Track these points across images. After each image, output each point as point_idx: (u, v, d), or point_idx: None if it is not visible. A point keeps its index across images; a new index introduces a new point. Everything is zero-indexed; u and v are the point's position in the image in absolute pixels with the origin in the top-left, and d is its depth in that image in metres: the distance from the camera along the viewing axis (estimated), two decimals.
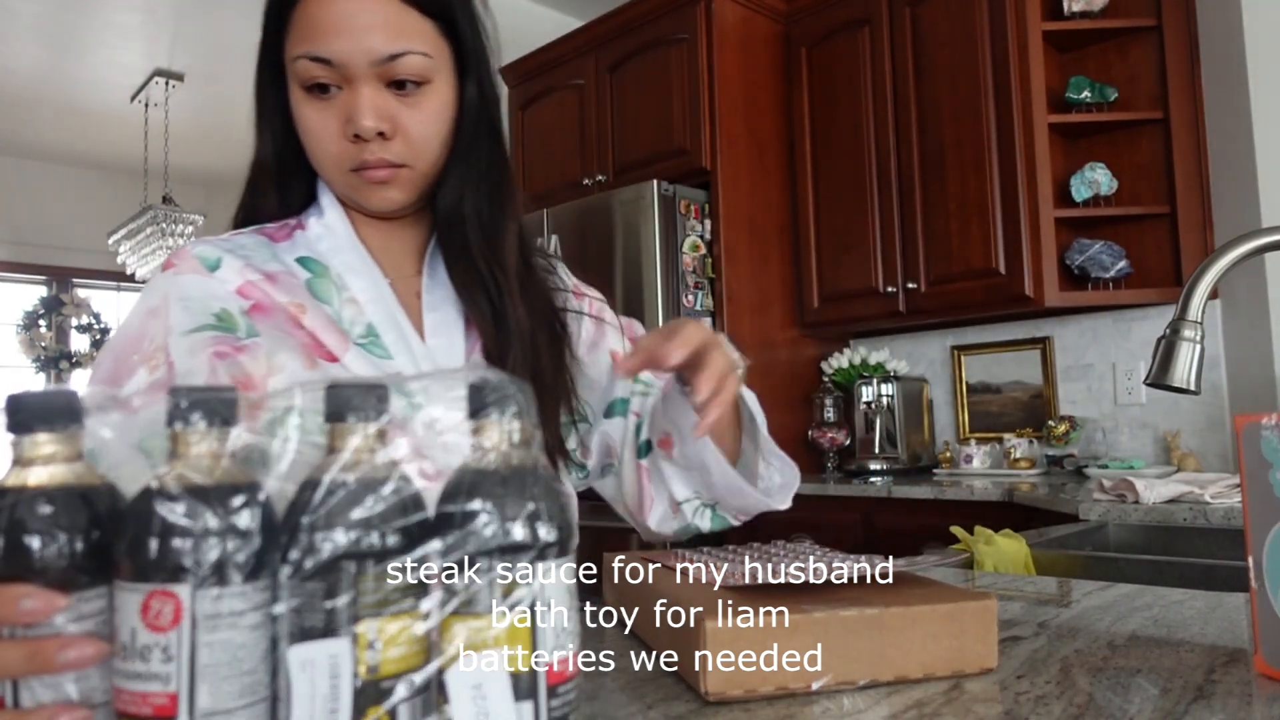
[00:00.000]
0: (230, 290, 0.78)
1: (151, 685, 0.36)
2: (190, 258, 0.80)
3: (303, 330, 0.78)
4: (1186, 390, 0.82)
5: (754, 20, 3.10)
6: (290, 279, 0.81)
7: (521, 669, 0.39)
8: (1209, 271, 0.81)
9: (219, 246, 0.81)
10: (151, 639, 0.36)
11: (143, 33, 4.06)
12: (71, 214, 5.68)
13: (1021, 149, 2.56)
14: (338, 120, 0.77)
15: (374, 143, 0.77)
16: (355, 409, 0.39)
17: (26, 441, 0.39)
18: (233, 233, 0.85)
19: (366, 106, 0.76)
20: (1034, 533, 1.60)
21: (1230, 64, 2.36)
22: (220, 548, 0.37)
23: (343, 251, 0.84)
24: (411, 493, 0.39)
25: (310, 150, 0.80)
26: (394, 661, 0.37)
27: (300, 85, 0.77)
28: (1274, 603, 0.56)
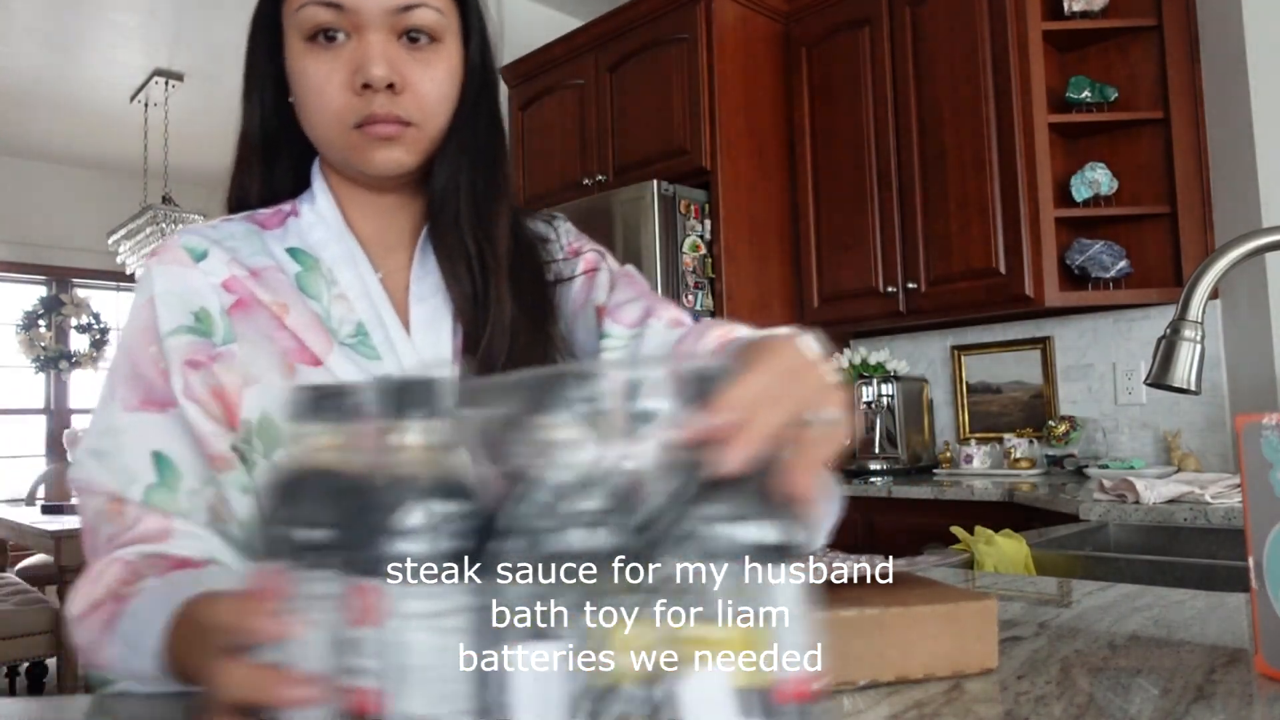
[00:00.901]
0: (215, 283, 0.76)
1: (361, 680, 0.35)
2: (176, 248, 0.77)
3: (285, 331, 0.76)
4: (1187, 390, 0.82)
5: (754, 20, 3.09)
6: (277, 275, 0.78)
7: (757, 682, 0.36)
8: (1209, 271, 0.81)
9: (206, 237, 0.79)
10: (359, 634, 0.35)
11: (143, 33, 4.06)
12: (71, 214, 5.68)
13: (1022, 149, 2.55)
14: (343, 71, 0.73)
15: (382, 95, 0.73)
16: (568, 399, 0.37)
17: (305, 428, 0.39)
18: (223, 219, 0.82)
19: (378, 54, 0.72)
20: (1034, 533, 1.60)
21: (1230, 64, 2.35)
22: (432, 543, 0.35)
23: (333, 242, 0.81)
24: (637, 487, 0.37)
25: (309, 107, 0.75)
26: (622, 668, 0.35)
27: (303, 35, 0.73)
28: (1274, 603, 0.56)
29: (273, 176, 0.83)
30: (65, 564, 3.10)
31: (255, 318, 0.76)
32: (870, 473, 2.91)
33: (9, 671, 3.51)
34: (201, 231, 0.80)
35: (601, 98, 3.23)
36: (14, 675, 3.54)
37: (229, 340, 0.74)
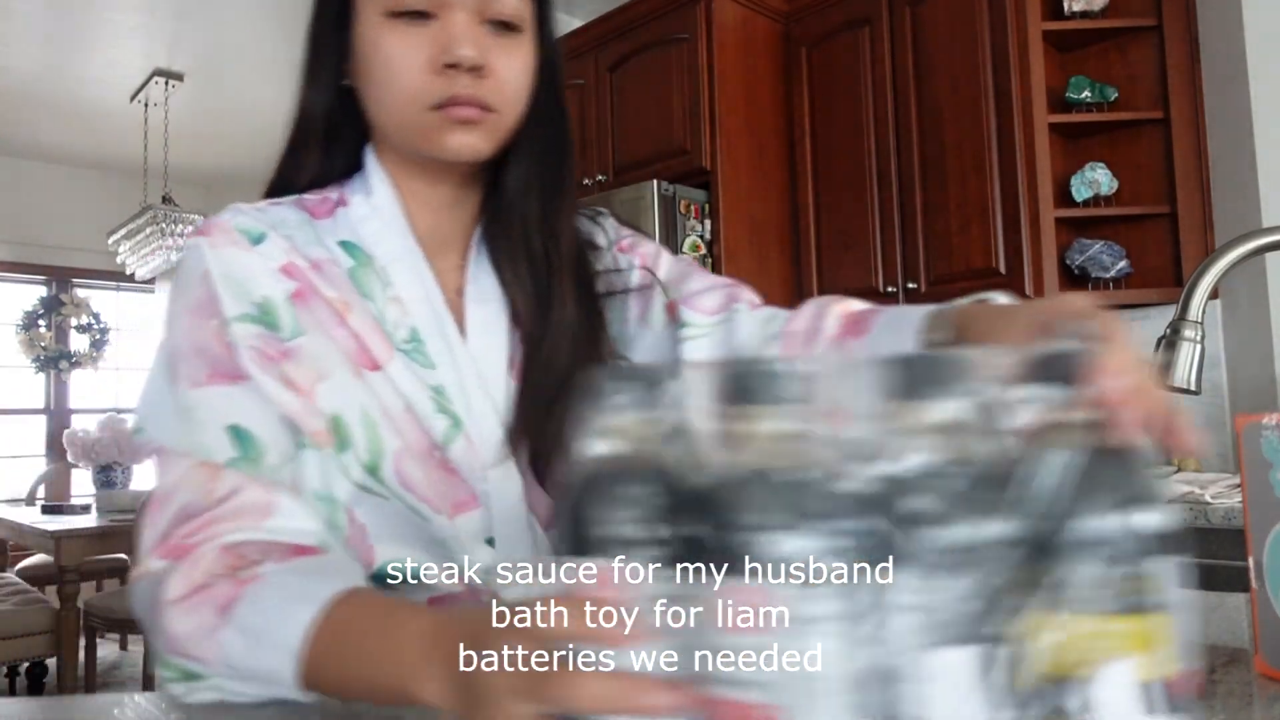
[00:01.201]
0: (274, 268, 0.72)
1: (745, 694, 0.32)
2: (229, 229, 0.72)
3: (345, 330, 0.72)
4: (1187, 390, 0.82)
5: (754, 20, 3.09)
6: (334, 269, 0.75)
7: (1156, 674, 0.34)
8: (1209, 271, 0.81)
9: (260, 220, 0.74)
10: (742, 641, 0.32)
11: (142, 33, 4.06)
12: (71, 214, 5.68)
13: (1022, 149, 2.55)
14: (427, 49, 0.70)
15: (466, 76, 0.70)
16: (941, 382, 0.34)
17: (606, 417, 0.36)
18: (269, 202, 0.78)
19: (467, 35, 0.70)
20: None
21: (1231, 64, 2.35)
22: (829, 541, 0.32)
23: (389, 238, 0.77)
24: (1027, 473, 0.34)
25: (384, 85, 0.72)
26: (1036, 668, 0.33)
27: (385, 11, 0.71)
28: (1274, 603, 0.56)
29: (326, 162, 0.80)
30: (65, 564, 3.10)
31: (316, 311, 0.72)
32: None
33: (9, 671, 3.51)
34: (251, 213, 0.75)
35: (601, 98, 3.23)
36: (14, 675, 3.55)
37: (296, 334, 0.71)
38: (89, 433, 3.81)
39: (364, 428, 0.70)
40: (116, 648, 4.36)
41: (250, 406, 0.67)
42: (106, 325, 5.80)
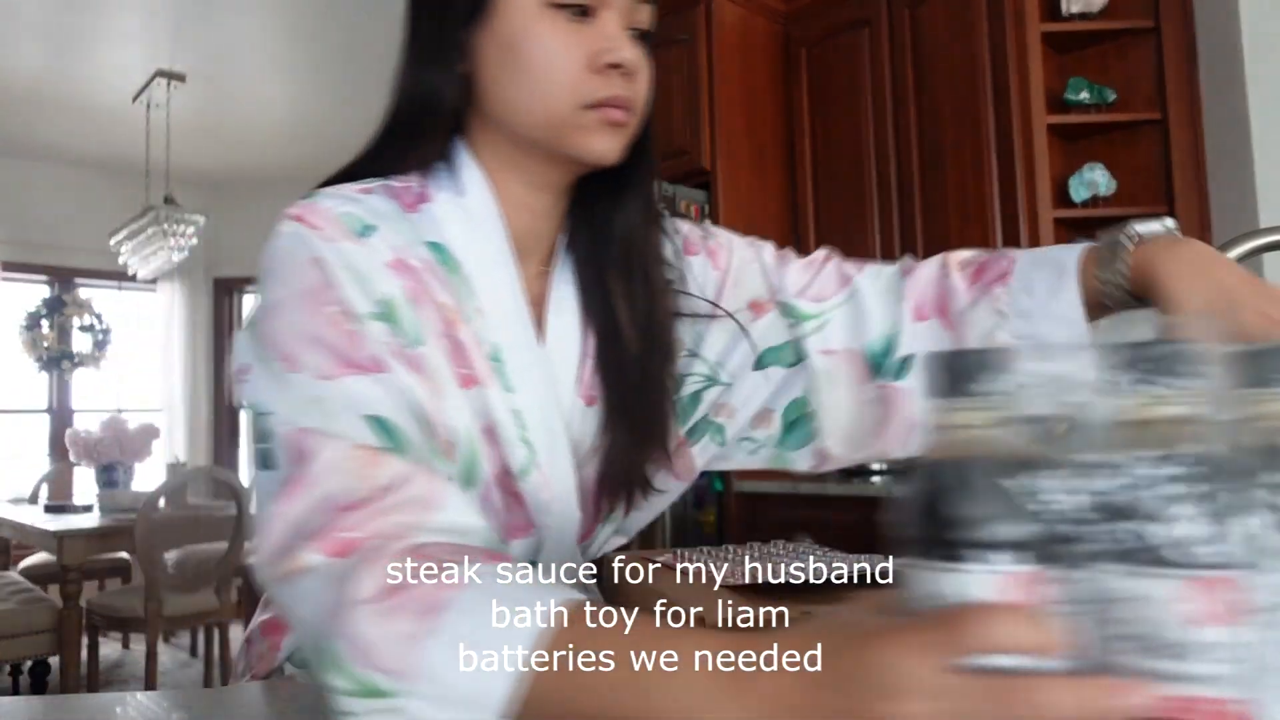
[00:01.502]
0: (384, 263, 0.65)
1: (1215, 689, 0.31)
2: (333, 219, 0.65)
3: (449, 341, 0.67)
4: None
5: (754, 21, 3.10)
6: (440, 270, 0.69)
7: None
8: None
9: (362, 207, 0.67)
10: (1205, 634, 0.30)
11: (144, 34, 4.06)
12: (73, 214, 5.68)
13: (1020, 150, 2.56)
14: (586, 46, 0.67)
15: (621, 78, 0.68)
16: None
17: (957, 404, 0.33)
18: (358, 187, 0.70)
19: (627, 38, 0.68)
20: None
21: (1228, 65, 2.36)
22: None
23: (481, 243, 0.71)
24: None
25: (539, 77, 0.68)
26: None
27: (549, 2, 0.67)
28: None
29: (418, 151, 0.73)
30: (67, 563, 3.11)
31: (428, 315, 0.66)
32: (870, 472, 2.92)
33: (12, 670, 3.52)
34: (350, 199, 0.68)
35: None
36: (17, 674, 3.55)
37: (417, 341, 0.65)
38: (91, 432, 3.82)
39: (468, 450, 0.67)
40: (119, 647, 4.37)
41: (388, 399, 0.59)
42: (109, 325, 5.80)
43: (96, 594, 3.68)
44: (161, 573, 3.27)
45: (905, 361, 0.79)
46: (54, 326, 5.56)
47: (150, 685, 3.17)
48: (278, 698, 0.62)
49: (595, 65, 0.67)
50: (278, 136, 5.26)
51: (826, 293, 0.81)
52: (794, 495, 2.67)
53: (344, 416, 0.57)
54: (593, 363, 0.76)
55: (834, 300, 0.81)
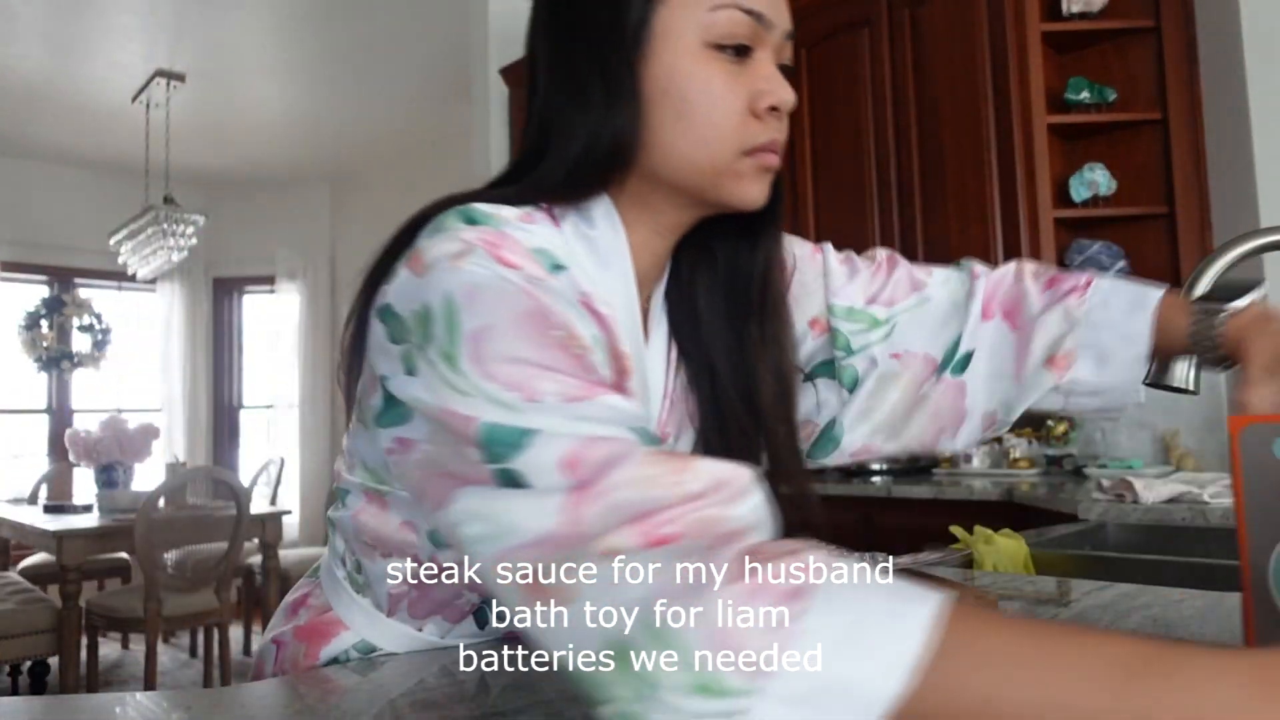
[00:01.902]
0: (574, 300, 0.58)
1: None
2: (524, 253, 0.57)
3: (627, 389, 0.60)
4: (1186, 390, 0.82)
5: None
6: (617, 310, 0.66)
7: None
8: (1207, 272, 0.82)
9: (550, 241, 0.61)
10: None
11: (144, 33, 4.06)
12: (73, 214, 5.68)
13: (1020, 150, 2.56)
14: (745, 89, 0.65)
15: (776, 121, 0.66)
16: None
17: None
18: (527, 213, 0.63)
19: (784, 79, 0.66)
20: (1033, 532, 1.60)
21: (1229, 65, 2.36)
22: None
23: (610, 279, 0.68)
24: None
25: (700, 121, 0.65)
26: None
27: (708, 40, 0.64)
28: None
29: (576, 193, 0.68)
30: (67, 563, 3.11)
31: (617, 358, 0.61)
32: (870, 472, 2.92)
33: (11, 670, 3.52)
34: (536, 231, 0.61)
35: None
36: (16, 674, 3.55)
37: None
38: (91, 433, 3.82)
39: None
40: (118, 647, 4.36)
41: (641, 415, 0.53)
42: (108, 325, 5.81)
43: (96, 594, 3.68)
44: (161, 573, 3.27)
45: (967, 357, 0.81)
46: (54, 326, 5.56)
47: (150, 685, 3.17)
48: (278, 698, 0.62)
49: (756, 109, 0.65)
50: (278, 136, 5.26)
51: (898, 297, 0.83)
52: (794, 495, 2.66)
53: (613, 430, 0.50)
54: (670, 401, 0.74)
55: (905, 304, 0.82)
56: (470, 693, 0.61)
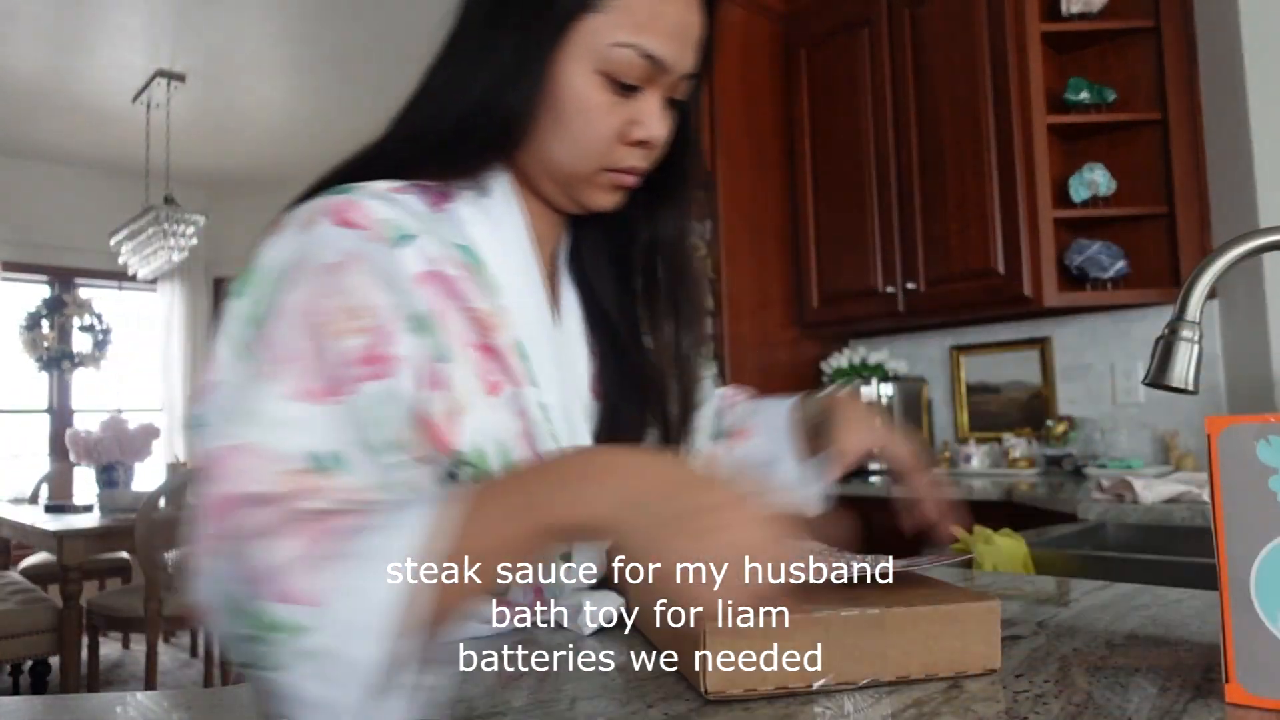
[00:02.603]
0: (415, 276, 0.65)
1: None
2: (376, 221, 0.65)
3: (475, 349, 0.68)
4: (1185, 390, 0.82)
5: (753, 21, 3.10)
6: (477, 274, 0.70)
7: None
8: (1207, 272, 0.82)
9: (406, 212, 0.67)
10: None
11: (144, 34, 4.06)
12: (73, 214, 5.68)
13: (1020, 150, 2.56)
14: (622, 119, 0.72)
15: (643, 151, 0.75)
16: None
17: None
18: (393, 187, 0.70)
19: (660, 116, 0.74)
20: (1033, 532, 1.60)
21: (1228, 65, 2.36)
22: None
23: (506, 246, 0.74)
24: None
25: (574, 135, 0.72)
26: None
27: (601, 70, 0.70)
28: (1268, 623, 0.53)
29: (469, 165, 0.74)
30: (67, 563, 3.11)
31: (454, 326, 0.67)
32: (869, 472, 2.92)
33: (12, 670, 3.52)
34: (393, 201, 0.68)
35: None
36: (17, 674, 3.55)
37: (442, 358, 0.66)
38: (91, 432, 3.82)
39: (500, 458, 0.69)
40: (119, 647, 4.36)
41: (347, 428, 0.59)
42: (109, 325, 5.80)
43: (96, 594, 3.68)
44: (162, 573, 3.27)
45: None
46: (54, 326, 5.56)
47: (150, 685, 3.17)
48: None
49: (625, 138, 0.73)
50: (278, 136, 5.26)
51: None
52: None
53: (289, 443, 0.57)
54: (599, 361, 0.81)
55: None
56: (470, 692, 0.61)
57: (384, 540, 0.48)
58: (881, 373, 3.02)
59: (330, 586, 0.47)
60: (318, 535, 0.50)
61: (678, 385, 0.82)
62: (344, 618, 0.47)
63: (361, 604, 0.47)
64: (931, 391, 3.12)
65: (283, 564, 0.49)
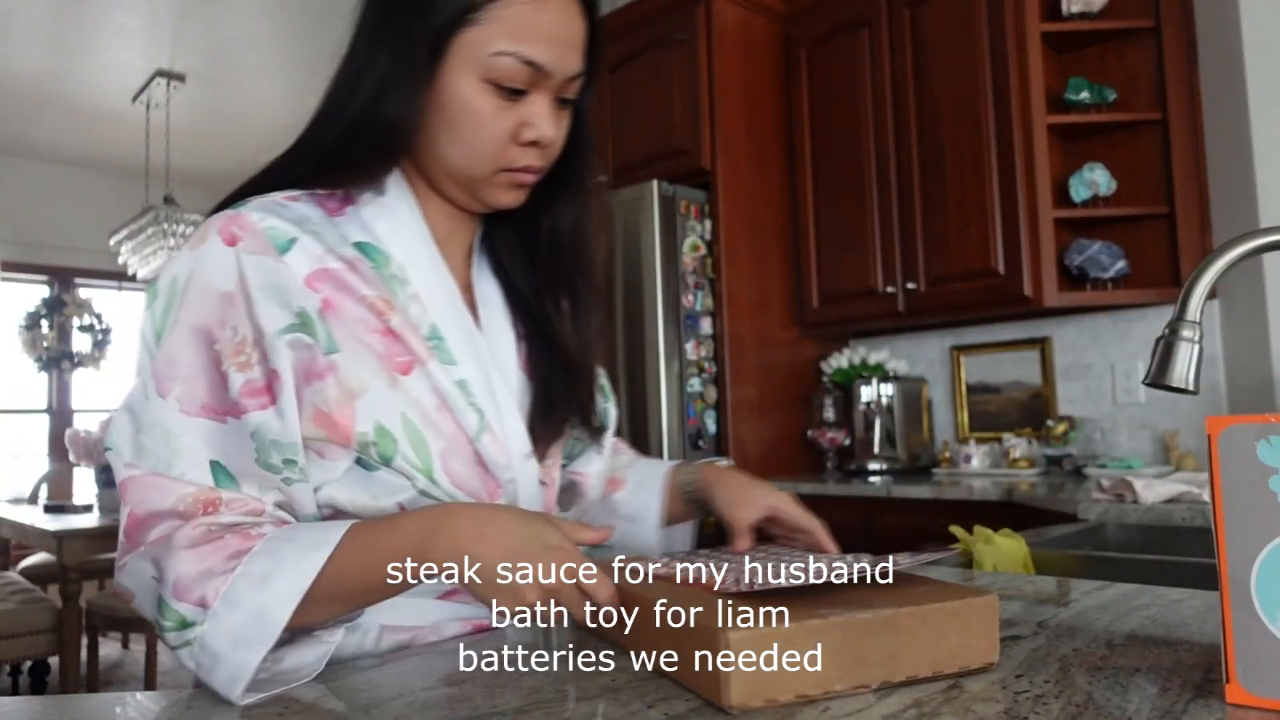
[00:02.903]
0: (300, 282, 0.71)
1: None
2: (258, 233, 0.71)
3: (382, 332, 0.74)
4: (1185, 390, 0.82)
5: (754, 21, 3.10)
6: (366, 268, 0.76)
7: None
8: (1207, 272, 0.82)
9: (287, 219, 0.73)
10: None
11: (144, 34, 4.06)
12: (73, 214, 5.68)
13: (1020, 149, 2.56)
14: (513, 121, 0.77)
15: (538, 149, 0.79)
16: None
17: None
18: (287, 196, 0.76)
19: (553, 118, 0.78)
20: (1033, 532, 1.60)
21: (1228, 65, 2.36)
22: None
23: (407, 239, 0.79)
24: None
25: (465, 141, 0.77)
26: None
27: (486, 78, 0.75)
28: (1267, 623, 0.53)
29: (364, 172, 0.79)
30: (67, 563, 3.11)
31: (347, 319, 0.73)
32: (869, 472, 2.92)
33: (11, 670, 3.52)
34: (278, 213, 0.73)
35: (602, 99, 3.23)
36: (16, 674, 3.55)
37: (331, 350, 0.72)
38: (91, 432, 3.82)
39: (407, 433, 0.73)
40: (118, 647, 4.36)
41: (231, 446, 0.68)
42: (108, 325, 5.80)
43: (96, 594, 3.68)
44: None
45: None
46: (54, 326, 5.56)
47: (150, 685, 3.17)
48: (278, 698, 0.62)
49: (518, 138, 0.77)
50: (278, 137, 5.23)
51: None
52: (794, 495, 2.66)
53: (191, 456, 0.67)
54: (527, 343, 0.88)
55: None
56: (470, 692, 0.61)
57: (263, 565, 0.62)
58: (881, 373, 3.02)
59: (215, 596, 0.61)
60: (211, 552, 0.63)
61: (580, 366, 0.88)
62: (223, 624, 0.61)
63: (238, 615, 0.61)
64: (931, 391, 3.12)
65: (183, 572, 0.62)
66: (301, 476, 0.71)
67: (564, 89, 0.79)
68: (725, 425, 2.84)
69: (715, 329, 2.90)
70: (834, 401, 3.07)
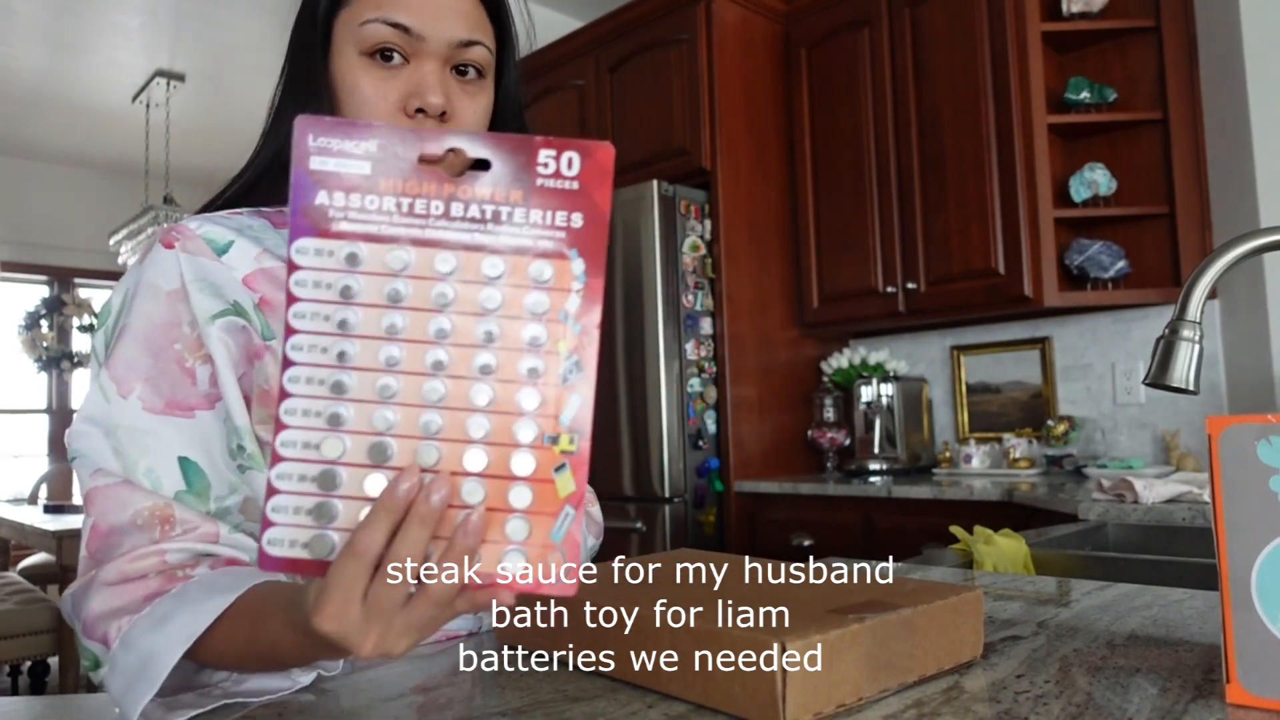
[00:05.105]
0: (238, 280, 0.75)
1: None
2: (195, 237, 0.75)
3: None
4: (1185, 390, 0.83)
5: (754, 21, 3.10)
6: None
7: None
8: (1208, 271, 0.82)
9: (225, 226, 0.77)
10: None
11: (144, 34, 4.06)
12: (73, 214, 5.68)
13: (1021, 149, 2.56)
14: (398, 92, 0.75)
15: (432, 121, 0.75)
16: None
17: None
18: (230, 211, 0.80)
19: (436, 82, 0.75)
20: (1033, 532, 1.60)
21: (1229, 65, 2.36)
22: None
23: None
24: None
25: (356, 114, 0.77)
26: None
27: (361, 50, 0.75)
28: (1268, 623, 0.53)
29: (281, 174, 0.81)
30: (67, 563, 3.11)
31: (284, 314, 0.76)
32: (870, 472, 2.92)
33: (11, 670, 3.52)
34: (217, 221, 0.77)
35: (602, 98, 3.24)
36: (16, 674, 3.55)
37: (267, 336, 0.74)
38: None
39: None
40: None
41: (201, 440, 0.70)
42: None
43: None
44: None
45: None
46: (53, 326, 5.56)
47: None
48: (276, 700, 0.62)
49: (406, 109, 0.75)
50: None
51: None
52: (794, 495, 2.67)
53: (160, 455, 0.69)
54: None
55: None
56: (470, 692, 0.61)
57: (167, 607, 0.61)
58: (881, 373, 3.02)
59: (115, 635, 0.62)
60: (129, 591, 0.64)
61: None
62: (118, 664, 0.61)
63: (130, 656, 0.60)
64: (932, 391, 3.12)
65: (93, 608, 0.64)
66: (252, 463, 0.72)
67: (455, 56, 0.76)
68: (725, 425, 2.84)
69: (715, 329, 2.90)
70: (834, 401, 3.07)
